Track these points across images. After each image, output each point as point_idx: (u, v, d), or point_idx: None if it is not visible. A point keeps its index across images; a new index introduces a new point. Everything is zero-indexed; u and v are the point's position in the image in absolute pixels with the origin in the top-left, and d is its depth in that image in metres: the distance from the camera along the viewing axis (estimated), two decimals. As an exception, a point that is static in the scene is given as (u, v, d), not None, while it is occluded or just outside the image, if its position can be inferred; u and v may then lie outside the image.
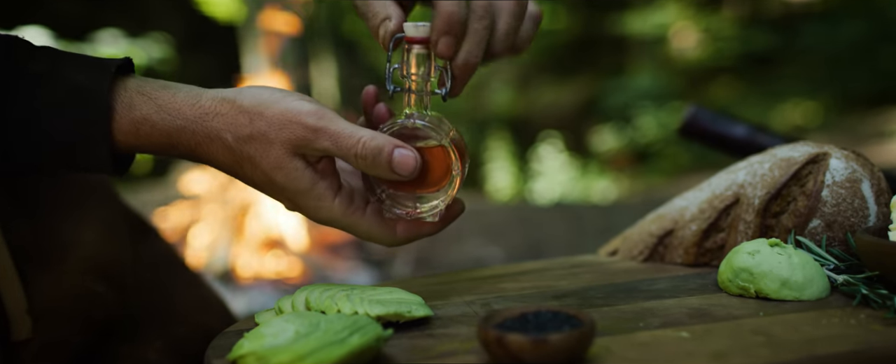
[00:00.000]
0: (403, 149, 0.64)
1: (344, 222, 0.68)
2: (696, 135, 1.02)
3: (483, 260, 2.72)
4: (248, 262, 2.41)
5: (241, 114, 0.64)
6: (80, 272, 0.84)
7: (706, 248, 0.79)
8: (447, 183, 0.68)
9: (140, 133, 0.64)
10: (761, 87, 6.07)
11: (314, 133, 0.63)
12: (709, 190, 0.81)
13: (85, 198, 0.92)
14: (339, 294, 0.67)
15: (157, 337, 0.88)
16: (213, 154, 0.65)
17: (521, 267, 0.86)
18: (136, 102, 0.64)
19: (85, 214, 0.90)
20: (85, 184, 0.93)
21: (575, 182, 6.04)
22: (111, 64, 0.65)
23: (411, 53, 0.67)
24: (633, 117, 6.19)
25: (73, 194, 0.91)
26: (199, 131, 0.64)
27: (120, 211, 0.94)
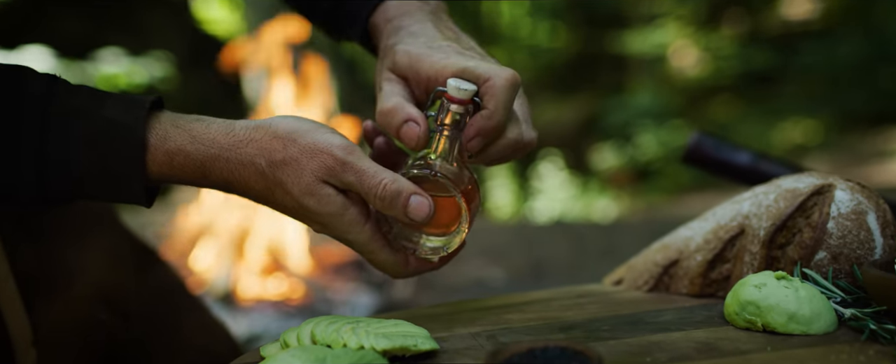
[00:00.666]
0: (419, 196, 0.66)
1: (367, 247, 0.71)
2: (699, 162, 1.02)
3: (485, 281, 2.71)
4: (250, 285, 2.40)
5: (275, 139, 0.66)
6: (84, 300, 0.84)
7: (712, 278, 0.79)
8: (454, 230, 0.70)
9: (174, 164, 0.66)
10: (761, 105, 6.08)
11: (342, 165, 0.65)
12: (714, 220, 0.81)
13: (90, 225, 0.92)
14: (345, 327, 0.67)
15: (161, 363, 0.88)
16: (245, 181, 0.67)
17: (526, 296, 0.86)
18: (170, 134, 0.66)
19: (90, 242, 0.90)
20: (90, 211, 0.93)
21: (575, 200, 6.04)
22: (145, 100, 0.66)
23: (449, 110, 0.69)
24: (634, 135, 6.20)
25: (78, 222, 0.91)
26: (232, 159, 0.66)
27: (125, 238, 0.95)
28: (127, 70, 5.91)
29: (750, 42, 6.48)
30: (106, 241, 0.91)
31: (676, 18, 6.68)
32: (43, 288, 0.84)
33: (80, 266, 0.87)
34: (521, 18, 7.68)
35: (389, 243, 0.72)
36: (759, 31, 6.66)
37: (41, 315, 0.81)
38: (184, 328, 0.96)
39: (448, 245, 0.71)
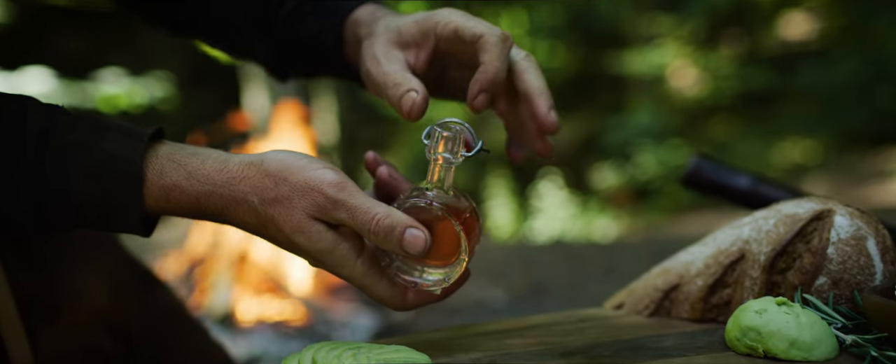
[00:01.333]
0: (415, 229, 0.66)
1: (362, 282, 0.70)
2: (699, 185, 1.03)
3: (485, 302, 2.71)
4: (249, 306, 2.40)
5: (267, 177, 0.66)
6: (86, 325, 0.84)
7: (712, 303, 0.79)
8: (455, 261, 0.69)
9: (170, 198, 0.66)
10: (760, 125, 6.10)
11: (333, 204, 0.65)
12: (714, 245, 0.81)
13: (92, 251, 0.92)
14: (346, 353, 0.67)
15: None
16: (239, 216, 0.67)
17: (526, 321, 0.86)
18: (166, 169, 0.66)
19: (92, 268, 0.90)
20: (91, 236, 0.93)
21: (575, 219, 6.04)
22: (144, 133, 0.67)
23: (442, 137, 0.70)
24: (633, 155, 6.22)
25: (80, 247, 0.91)
26: (226, 195, 0.66)
27: (127, 264, 0.95)
28: (127, 90, 5.92)
29: (748, 62, 6.51)
30: (107, 267, 0.91)
31: (675, 39, 6.72)
32: (44, 313, 0.84)
33: (81, 291, 0.87)
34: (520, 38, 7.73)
35: (387, 276, 0.71)
36: (757, 51, 6.70)
37: (42, 340, 0.80)
38: (184, 352, 0.95)
39: (449, 276, 0.70)
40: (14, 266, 0.84)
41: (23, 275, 0.85)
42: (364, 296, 2.54)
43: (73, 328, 0.84)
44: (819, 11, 6.64)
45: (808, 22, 6.71)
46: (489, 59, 0.73)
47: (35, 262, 0.87)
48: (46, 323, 0.83)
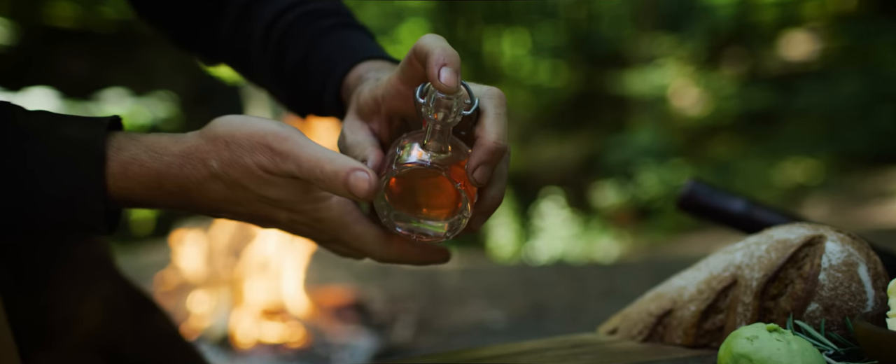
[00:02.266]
0: (360, 171, 0.63)
1: (340, 222, 0.70)
2: (693, 209, 1.03)
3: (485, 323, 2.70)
4: (248, 328, 2.39)
5: (218, 140, 0.65)
6: (80, 350, 0.84)
7: (705, 329, 0.79)
8: (457, 214, 0.66)
9: (129, 174, 0.65)
10: (761, 144, 6.11)
11: (280, 157, 0.64)
12: (707, 270, 0.81)
13: (86, 274, 0.92)
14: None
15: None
16: (204, 190, 0.66)
17: (520, 346, 0.85)
18: (124, 145, 0.66)
19: (86, 291, 0.90)
20: (86, 259, 0.93)
21: (577, 239, 6.03)
22: (104, 119, 0.67)
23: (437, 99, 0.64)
24: (635, 174, 6.22)
25: (75, 270, 0.91)
26: (186, 165, 0.66)
27: (121, 287, 0.95)
28: (130, 110, 5.95)
29: (750, 82, 6.53)
30: (103, 291, 0.91)
31: (676, 59, 6.74)
32: (39, 337, 0.84)
33: (76, 316, 0.87)
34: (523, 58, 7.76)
35: (367, 220, 0.70)
36: (758, 71, 6.72)
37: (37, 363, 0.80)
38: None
39: (455, 227, 0.67)
40: (9, 289, 0.84)
41: (18, 298, 0.85)
42: (364, 317, 2.53)
43: (69, 353, 0.83)
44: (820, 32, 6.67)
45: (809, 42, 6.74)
46: (489, 126, 0.66)
47: (32, 286, 0.87)
48: (43, 348, 0.83)
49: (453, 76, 0.63)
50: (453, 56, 0.63)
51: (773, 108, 6.17)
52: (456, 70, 0.63)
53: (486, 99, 0.67)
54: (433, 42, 0.64)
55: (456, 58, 0.64)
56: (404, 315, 2.64)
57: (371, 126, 0.73)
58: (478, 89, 0.68)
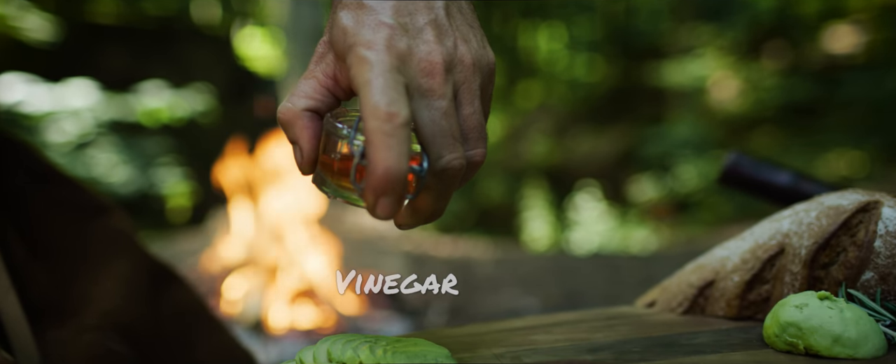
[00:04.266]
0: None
1: None
2: (737, 182, 0.98)
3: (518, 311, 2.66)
4: (281, 313, 2.39)
5: None
6: (97, 329, 0.82)
7: (750, 300, 0.75)
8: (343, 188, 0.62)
9: None
10: (804, 137, 5.96)
11: None
12: (751, 239, 0.77)
13: (105, 250, 0.90)
14: (362, 345, 0.64)
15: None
16: None
17: (554, 318, 0.82)
18: None
19: (104, 268, 0.88)
20: (105, 236, 0.92)
21: (613, 232, 5.95)
22: None
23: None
24: (673, 167, 6.12)
25: (93, 247, 0.90)
26: None
27: (141, 262, 0.93)
28: (169, 103, 6.01)
29: (792, 74, 6.38)
30: (121, 268, 0.89)
31: (716, 49, 6.62)
32: (53, 315, 0.82)
33: (92, 294, 0.86)
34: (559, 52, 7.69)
35: None
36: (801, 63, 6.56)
37: (51, 344, 0.79)
38: (202, 351, 0.93)
39: (336, 193, 0.63)
40: (27, 266, 0.83)
41: (36, 275, 0.83)
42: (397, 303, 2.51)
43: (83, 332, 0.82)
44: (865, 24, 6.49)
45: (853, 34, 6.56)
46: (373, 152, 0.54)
47: (51, 262, 0.86)
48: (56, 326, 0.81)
49: (394, 206, 0.55)
50: (396, 175, 0.53)
51: (815, 101, 6.02)
52: (399, 199, 0.55)
53: (369, 121, 0.53)
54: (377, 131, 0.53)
55: (400, 173, 0.53)
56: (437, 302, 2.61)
57: None
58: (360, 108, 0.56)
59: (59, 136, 5.46)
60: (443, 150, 0.58)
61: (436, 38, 0.59)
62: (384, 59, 0.55)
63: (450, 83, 0.59)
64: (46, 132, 5.37)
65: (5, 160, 0.89)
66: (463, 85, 0.60)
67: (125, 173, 5.71)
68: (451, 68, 0.59)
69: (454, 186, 0.61)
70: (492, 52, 0.63)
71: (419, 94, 0.57)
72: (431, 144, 0.58)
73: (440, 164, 0.58)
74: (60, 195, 0.92)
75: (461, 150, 0.59)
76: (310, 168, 0.62)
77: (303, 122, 0.61)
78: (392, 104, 0.53)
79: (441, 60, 0.58)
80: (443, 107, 0.58)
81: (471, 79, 0.60)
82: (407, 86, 0.56)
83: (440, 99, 0.58)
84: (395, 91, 0.54)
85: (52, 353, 0.77)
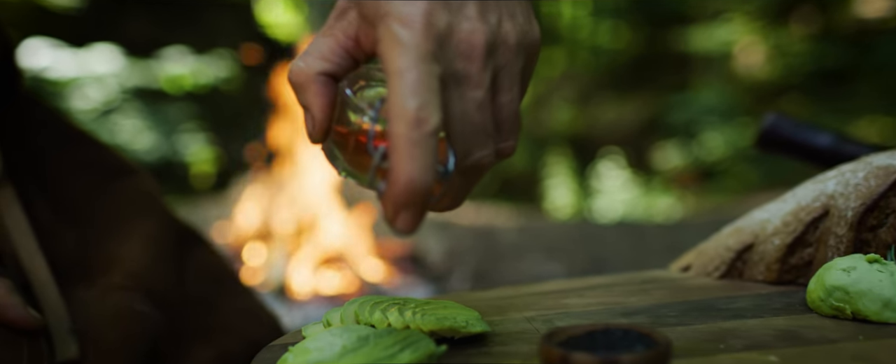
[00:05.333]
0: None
1: None
2: (775, 144, 0.95)
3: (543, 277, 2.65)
4: (305, 278, 2.39)
5: None
6: (123, 290, 0.81)
7: (791, 264, 0.72)
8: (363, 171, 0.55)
9: None
10: (833, 104, 5.85)
11: None
12: (794, 201, 0.74)
13: (130, 212, 0.89)
14: (391, 307, 0.63)
15: (202, 351, 0.85)
16: None
17: (586, 282, 0.80)
18: None
19: (129, 229, 0.87)
20: (130, 196, 0.91)
21: (637, 200, 5.91)
22: None
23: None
24: (698, 134, 6.04)
25: (118, 207, 0.89)
26: None
27: (167, 224, 0.92)
28: (192, 70, 6.01)
29: (822, 39, 6.25)
30: (146, 229, 0.88)
31: (743, 14, 6.48)
32: (79, 276, 0.82)
33: (118, 254, 0.85)
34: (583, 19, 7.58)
35: None
36: (831, 28, 6.42)
37: (78, 305, 0.78)
38: (227, 314, 0.92)
39: (349, 175, 0.57)
40: (52, 226, 0.82)
41: (62, 235, 0.83)
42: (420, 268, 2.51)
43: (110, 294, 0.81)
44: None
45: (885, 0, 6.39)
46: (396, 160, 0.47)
47: (78, 223, 0.85)
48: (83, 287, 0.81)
49: (415, 220, 0.49)
50: (420, 188, 0.47)
51: (846, 67, 5.89)
52: (422, 212, 0.49)
53: (396, 123, 0.47)
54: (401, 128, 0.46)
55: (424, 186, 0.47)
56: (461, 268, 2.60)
57: None
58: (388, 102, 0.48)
59: (83, 102, 5.49)
60: (472, 147, 0.52)
61: (479, 14, 0.51)
62: (421, 43, 0.48)
63: (489, 69, 0.51)
64: (71, 99, 5.40)
65: (28, 121, 0.88)
66: (503, 69, 0.53)
67: (149, 140, 5.75)
68: (493, 51, 0.52)
69: (477, 181, 0.56)
70: (538, 28, 0.56)
71: (454, 82, 0.50)
72: (460, 140, 0.51)
73: (468, 162, 0.52)
74: (84, 156, 0.91)
75: (492, 145, 0.53)
76: (321, 136, 0.56)
77: (316, 86, 0.55)
78: (423, 108, 0.46)
79: (483, 42, 0.51)
80: (478, 98, 0.51)
81: (513, 62, 0.53)
82: (442, 75, 0.49)
83: (476, 89, 0.51)
84: (428, 90, 0.47)
85: (79, 313, 0.77)
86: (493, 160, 0.54)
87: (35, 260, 0.77)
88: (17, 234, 0.77)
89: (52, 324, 0.74)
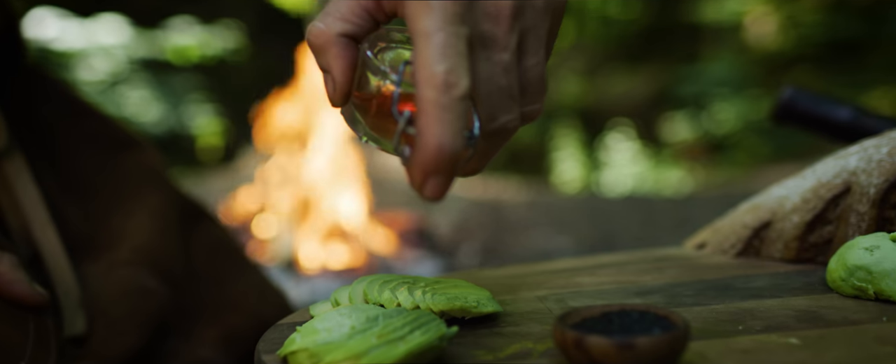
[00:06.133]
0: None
1: None
2: (793, 118, 0.93)
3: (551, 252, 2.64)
4: (313, 252, 2.38)
5: None
6: (130, 265, 0.80)
7: (810, 242, 0.71)
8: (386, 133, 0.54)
9: None
10: (846, 75, 5.78)
11: None
12: (813, 178, 0.72)
13: (136, 185, 0.88)
14: (401, 287, 0.61)
15: (209, 329, 0.84)
16: None
17: (598, 260, 0.78)
18: None
19: (136, 203, 0.86)
20: (134, 170, 0.89)
21: (646, 174, 5.88)
22: None
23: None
24: (709, 106, 5.99)
25: (124, 181, 0.88)
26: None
27: (173, 198, 0.91)
28: (199, 41, 5.98)
29: (835, 10, 6.16)
30: (153, 203, 0.87)
31: (755, -16, 6.40)
32: (88, 250, 0.81)
33: (125, 229, 0.83)
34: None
35: None
36: None
37: (86, 280, 0.77)
38: (234, 291, 0.91)
39: (368, 137, 0.56)
40: (60, 201, 0.81)
41: (69, 210, 0.82)
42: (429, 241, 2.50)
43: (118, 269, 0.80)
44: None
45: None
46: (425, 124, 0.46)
47: (83, 198, 0.84)
48: (91, 261, 0.80)
49: (444, 186, 0.48)
50: (450, 154, 0.46)
51: (859, 38, 5.81)
52: (451, 178, 0.48)
53: (424, 88, 0.46)
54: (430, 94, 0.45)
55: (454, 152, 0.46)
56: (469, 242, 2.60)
57: None
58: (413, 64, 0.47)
59: (90, 74, 5.48)
60: (498, 112, 0.50)
61: None
62: (448, 4, 0.46)
63: (516, 31, 0.50)
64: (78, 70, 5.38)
65: (34, 94, 0.86)
66: (531, 31, 0.51)
67: (156, 112, 5.73)
68: (521, 13, 0.50)
69: (503, 145, 0.54)
70: None
71: (480, 44, 0.49)
72: (486, 103, 0.50)
73: (493, 126, 0.51)
74: (90, 128, 0.90)
75: (517, 109, 0.51)
76: (342, 100, 0.54)
77: (337, 49, 0.53)
78: (452, 71, 0.45)
79: (511, 3, 0.49)
80: (505, 61, 0.49)
81: (540, 24, 0.51)
82: (469, 37, 0.47)
83: (503, 51, 0.49)
84: (456, 52, 0.46)
85: (87, 288, 0.76)
86: (518, 124, 0.52)
87: (46, 232, 0.76)
88: (29, 205, 0.76)
89: (62, 298, 0.73)
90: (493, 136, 0.52)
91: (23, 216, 0.75)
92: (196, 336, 0.83)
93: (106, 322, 0.75)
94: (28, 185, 0.77)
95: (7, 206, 0.75)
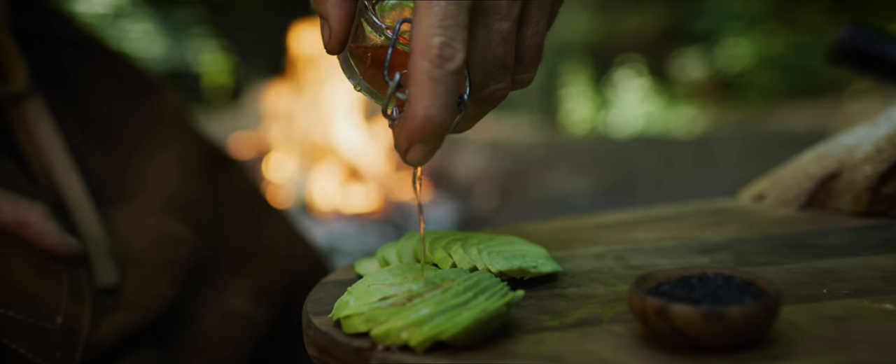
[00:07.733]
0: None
1: None
2: (853, 58, 0.87)
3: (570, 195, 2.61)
4: (327, 193, 2.35)
5: None
6: (158, 211, 0.77)
7: (884, 194, 0.66)
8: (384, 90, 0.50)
9: None
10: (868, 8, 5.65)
11: None
12: (887, 125, 0.68)
13: (159, 129, 0.84)
14: (454, 244, 0.57)
15: (240, 279, 0.80)
16: None
17: (651, 213, 0.74)
18: None
19: (160, 148, 0.82)
20: (159, 114, 0.86)
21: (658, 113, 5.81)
22: None
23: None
24: (721, 40, 5.88)
25: (147, 126, 0.84)
26: None
27: (197, 143, 0.87)
28: None
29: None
30: (177, 148, 0.83)
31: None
32: (114, 196, 0.77)
33: (150, 175, 0.80)
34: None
35: None
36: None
37: (114, 229, 0.74)
38: (262, 238, 0.88)
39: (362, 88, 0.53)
40: (83, 147, 0.77)
41: (93, 156, 0.78)
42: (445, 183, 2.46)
43: (146, 216, 0.76)
44: None
45: None
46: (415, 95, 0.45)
47: (106, 143, 0.80)
48: (118, 209, 0.76)
49: (428, 154, 0.47)
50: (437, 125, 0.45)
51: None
52: (435, 147, 0.47)
53: (418, 58, 0.44)
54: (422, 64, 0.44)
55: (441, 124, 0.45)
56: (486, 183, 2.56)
57: None
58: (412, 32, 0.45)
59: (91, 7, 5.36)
60: (489, 79, 0.49)
61: None
62: None
63: (519, 0, 0.48)
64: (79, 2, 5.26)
65: (50, 34, 0.82)
66: (534, 0, 0.49)
67: (160, 48, 5.63)
68: None
69: (490, 110, 0.53)
70: None
71: (481, 11, 0.47)
72: (479, 70, 0.48)
73: (483, 93, 0.50)
74: (111, 71, 0.86)
75: (509, 77, 0.50)
76: (337, 49, 0.52)
77: None
78: (447, 45, 0.44)
79: None
80: (504, 30, 0.48)
81: None
82: (472, 6, 0.45)
83: (503, 20, 0.48)
84: (456, 24, 0.44)
85: (115, 236, 0.72)
86: (507, 91, 0.51)
87: (70, 178, 0.72)
88: (50, 149, 0.72)
89: (89, 248, 0.70)
90: (482, 102, 0.51)
91: (45, 162, 0.72)
92: (227, 286, 0.80)
93: (138, 272, 0.72)
94: (50, 129, 0.73)
95: (30, 152, 0.71)
